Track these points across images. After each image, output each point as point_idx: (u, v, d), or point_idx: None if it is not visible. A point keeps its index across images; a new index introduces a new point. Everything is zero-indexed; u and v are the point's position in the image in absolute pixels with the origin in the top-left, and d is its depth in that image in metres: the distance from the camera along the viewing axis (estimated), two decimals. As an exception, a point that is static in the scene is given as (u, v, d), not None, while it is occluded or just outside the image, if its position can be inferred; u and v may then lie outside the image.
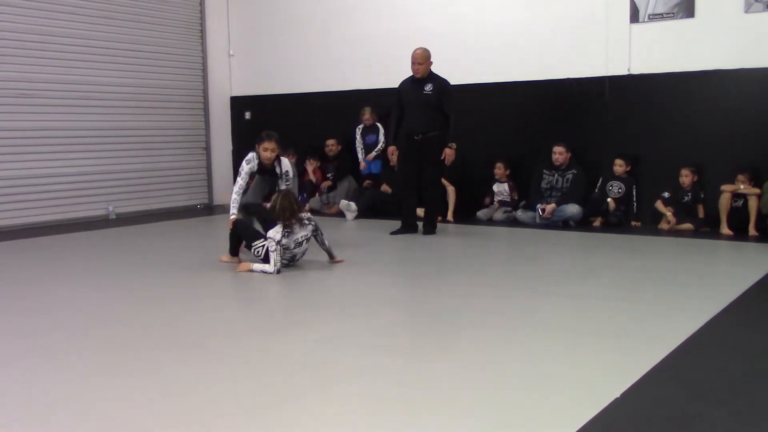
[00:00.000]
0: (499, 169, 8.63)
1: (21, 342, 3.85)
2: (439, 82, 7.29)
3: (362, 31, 9.76)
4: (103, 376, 3.27)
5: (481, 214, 8.60)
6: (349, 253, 6.22)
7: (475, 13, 8.92)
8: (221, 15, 10.88)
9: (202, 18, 10.63)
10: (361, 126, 9.55)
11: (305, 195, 9.78)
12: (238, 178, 6.09)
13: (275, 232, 5.39)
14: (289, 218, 5.41)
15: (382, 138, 9.42)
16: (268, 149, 6.05)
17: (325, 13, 10.11)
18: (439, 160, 7.30)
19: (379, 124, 9.50)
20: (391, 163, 7.89)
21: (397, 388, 3.07)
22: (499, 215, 8.46)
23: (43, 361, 3.50)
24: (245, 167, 6.09)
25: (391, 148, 7.62)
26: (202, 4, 10.60)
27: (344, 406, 2.88)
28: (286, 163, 6.30)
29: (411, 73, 7.38)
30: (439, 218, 8.14)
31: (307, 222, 5.61)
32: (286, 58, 10.51)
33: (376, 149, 9.52)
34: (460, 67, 8.75)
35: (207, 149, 10.84)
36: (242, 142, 11.09)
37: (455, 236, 7.50)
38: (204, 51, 10.67)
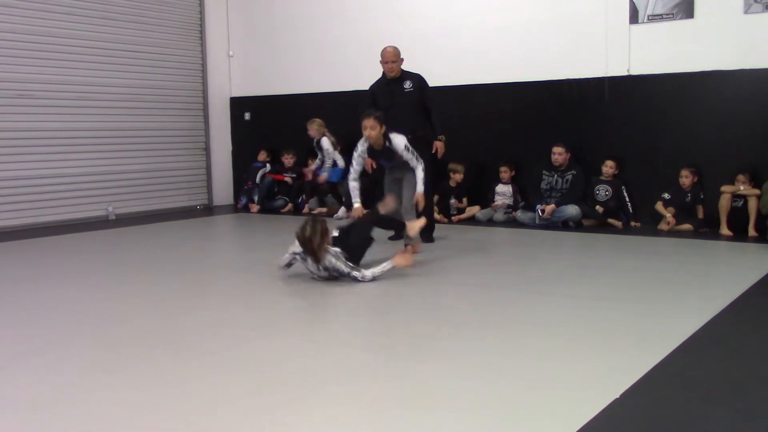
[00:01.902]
0: (505, 173, 8.63)
1: (21, 342, 3.85)
2: (417, 79, 6.98)
3: (362, 32, 9.75)
4: (103, 376, 3.27)
5: (481, 215, 8.60)
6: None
7: (474, 14, 8.91)
8: (221, 15, 10.89)
9: (202, 19, 10.63)
10: (315, 140, 9.43)
11: (304, 196, 9.78)
12: (353, 163, 6.02)
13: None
14: (311, 249, 4.98)
15: (327, 157, 9.24)
16: (366, 127, 5.85)
17: (324, 14, 10.12)
18: (429, 160, 7.16)
19: (325, 139, 9.28)
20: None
21: (397, 389, 3.07)
22: (499, 216, 8.47)
23: (43, 361, 3.50)
24: (355, 153, 6.03)
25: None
26: (201, 4, 10.61)
27: (344, 406, 2.88)
28: (397, 139, 6.02)
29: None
30: (446, 220, 8.16)
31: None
32: (286, 59, 10.51)
33: (322, 169, 9.30)
34: (459, 68, 8.76)
35: (207, 150, 10.84)
36: (242, 142, 11.11)
37: (455, 237, 7.49)
38: (203, 51, 10.67)
